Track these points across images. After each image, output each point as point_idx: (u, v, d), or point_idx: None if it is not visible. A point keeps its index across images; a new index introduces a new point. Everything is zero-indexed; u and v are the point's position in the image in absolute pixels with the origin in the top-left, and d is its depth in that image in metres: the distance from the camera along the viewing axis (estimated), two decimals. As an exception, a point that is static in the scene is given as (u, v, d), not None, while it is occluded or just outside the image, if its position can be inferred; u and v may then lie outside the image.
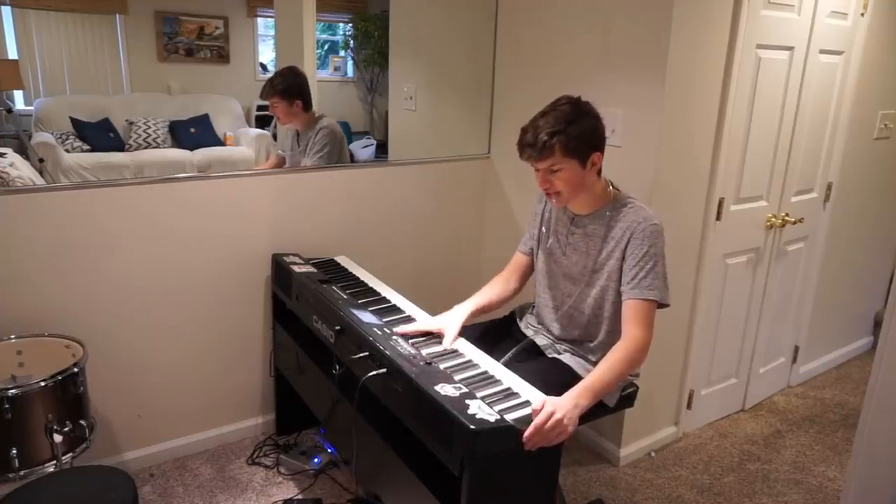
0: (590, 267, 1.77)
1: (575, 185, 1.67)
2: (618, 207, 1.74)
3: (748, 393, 2.91)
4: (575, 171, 1.65)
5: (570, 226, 1.81)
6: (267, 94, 2.48)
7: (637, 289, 1.66)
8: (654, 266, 1.67)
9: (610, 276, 1.73)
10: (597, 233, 1.76)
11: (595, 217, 1.76)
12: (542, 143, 1.60)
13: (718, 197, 2.41)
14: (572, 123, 1.61)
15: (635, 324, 1.64)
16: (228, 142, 2.69)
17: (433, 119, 2.97)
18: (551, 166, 1.64)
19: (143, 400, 2.29)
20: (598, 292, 1.76)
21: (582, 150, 1.63)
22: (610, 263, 1.73)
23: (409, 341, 1.68)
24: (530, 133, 1.62)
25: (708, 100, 2.25)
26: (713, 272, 2.53)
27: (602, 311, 1.78)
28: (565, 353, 1.85)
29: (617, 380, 1.59)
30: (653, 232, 1.68)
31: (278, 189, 2.38)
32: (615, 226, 1.72)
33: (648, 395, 2.38)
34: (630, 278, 1.68)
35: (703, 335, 2.60)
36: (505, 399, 1.47)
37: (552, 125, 1.60)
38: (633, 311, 1.66)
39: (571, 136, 1.60)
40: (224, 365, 2.41)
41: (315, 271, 2.21)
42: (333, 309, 1.87)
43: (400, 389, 1.52)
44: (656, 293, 1.66)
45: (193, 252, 2.25)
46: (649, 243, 1.67)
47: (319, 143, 2.48)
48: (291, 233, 2.43)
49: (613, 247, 1.72)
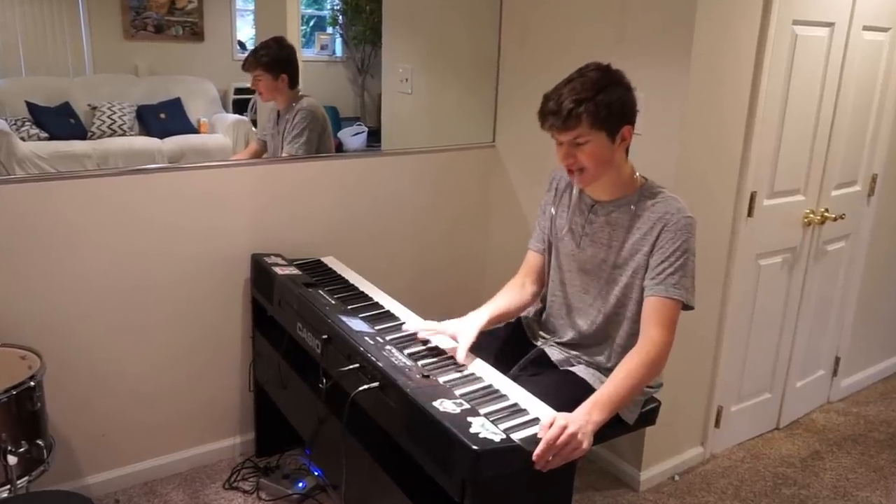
0: (611, 261, 1.76)
1: (601, 161, 1.67)
2: (646, 196, 1.73)
3: (783, 409, 2.91)
4: (602, 145, 1.65)
5: (589, 213, 1.81)
6: (250, 66, 2.49)
7: (662, 285, 1.66)
8: (683, 263, 1.67)
9: (636, 273, 1.73)
10: (620, 222, 1.75)
11: (619, 204, 1.76)
12: (567, 110, 1.59)
13: (750, 191, 2.41)
14: (602, 91, 1.60)
15: (656, 324, 1.64)
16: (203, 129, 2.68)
17: (432, 104, 2.96)
18: (576, 138, 1.63)
19: (107, 417, 2.29)
20: (622, 290, 1.76)
21: (611, 122, 1.63)
22: (636, 258, 1.72)
23: (405, 352, 1.69)
24: (554, 100, 1.62)
25: (738, 82, 2.25)
26: (744, 274, 2.53)
27: (624, 311, 1.78)
28: (579, 364, 1.85)
29: (634, 390, 1.59)
30: (686, 225, 1.68)
31: (258, 181, 2.38)
32: (643, 216, 1.72)
33: (672, 411, 2.38)
34: (656, 273, 1.67)
35: (733, 345, 2.60)
36: (511, 416, 1.47)
37: (579, 92, 1.60)
38: (655, 310, 1.66)
39: (601, 105, 1.60)
40: (198, 378, 2.42)
41: (299, 273, 2.21)
42: (320, 316, 1.87)
43: (394, 405, 1.52)
44: (682, 293, 1.66)
45: (164, 253, 2.26)
46: (682, 237, 1.67)
47: (298, 127, 2.48)
48: (273, 230, 2.43)
49: (641, 239, 1.71)
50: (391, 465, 1.63)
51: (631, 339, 1.75)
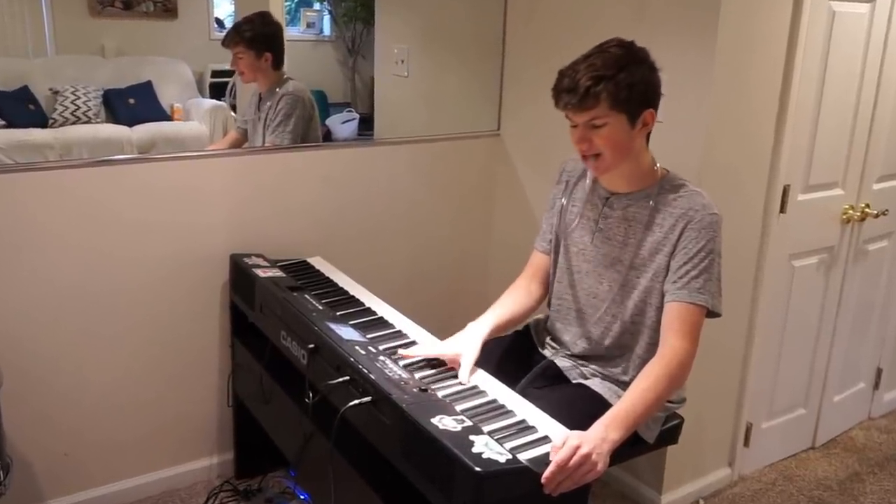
0: (627, 261, 1.76)
1: (620, 147, 1.67)
2: (667, 190, 1.73)
3: (820, 426, 2.91)
4: (621, 129, 1.65)
5: (604, 206, 1.80)
6: (231, 41, 2.49)
7: (685, 290, 1.66)
8: (709, 265, 1.67)
9: (656, 276, 1.72)
10: (639, 217, 1.75)
11: (638, 198, 1.76)
12: (584, 88, 1.59)
13: (783, 184, 2.41)
14: (624, 69, 1.61)
15: (677, 333, 1.64)
16: (176, 115, 2.68)
17: (430, 88, 2.96)
18: (593, 119, 1.63)
19: (70, 434, 2.28)
20: (640, 295, 1.76)
21: (633, 104, 1.63)
22: (657, 259, 1.72)
23: (400, 363, 1.68)
24: (570, 77, 1.62)
25: (770, 63, 2.25)
26: (776, 277, 2.52)
27: (643, 318, 1.77)
28: (593, 377, 1.85)
29: (655, 405, 1.58)
30: (712, 223, 1.68)
31: (238, 174, 2.38)
32: (663, 211, 1.72)
33: (696, 428, 2.37)
34: (678, 276, 1.67)
35: (764, 355, 2.59)
36: (518, 434, 1.47)
37: (598, 69, 1.60)
38: (677, 317, 1.66)
39: (622, 85, 1.60)
40: (171, 391, 2.41)
41: (283, 276, 2.21)
42: (306, 323, 1.87)
43: (388, 422, 1.52)
44: (707, 298, 1.66)
45: (133, 253, 2.26)
46: (707, 237, 1.67)
47: (282, 113, 2.49)
48: (254, 228, 2.43)
49: (662, 238, 1.71)
50: (384, 488, 1.63)
51: (652, 351, 1.74)
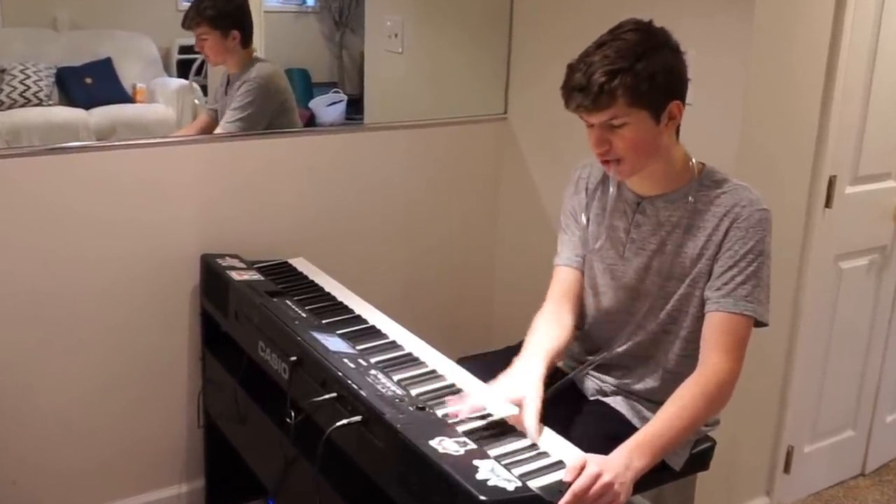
0: (665, 270, 1.75)
1: (644, 147, 1.66)
2: (707, 186, 1.72)
3: (870, 450, 2.91)
4: (645, 128, 1.63)
5: (635, 214, 1.79)
6: (192, 22, 2.49)
7: (730, 298, 1.65)
8: (757, 270, 1.66)
9: (695, 282, 1.71)
10: (677, 220, 1.73)
11: (672, 199, 1.74)
12: (597, 86, 1.57)
13: (828, 175, 2.41)
14: (642, 59, 1.59)
15: (720, 348, 1.63)
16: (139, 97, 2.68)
17: (427, 65, 2.96)
18: (611, 120, 1.62)
19: (19, 461, 2.28)
20: (677, 305, 1.75)
21: (655, 97, 1.62)
22: (699, 267, 1.70)
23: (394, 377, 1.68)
24: (581, 72, 1.60)
25: (814, 39, 2.25)
26: (821, 280, 2.52)
27: (676, 328, 1.77)
28: (614, 394, 1.85)
29: (688, 431, 1.58)
30: (761, 220, 1.67)
31: (210, 163, 2.38)
32: (705, 212, 1.70)
33: (730, 452, 2.37)
34: (722, 282, 1.66)
35: (808, 369, 2.59)
36: (529, 459, 1.47)
37: (613, 61, 1.58)
38: (721, 330, 1.64)
39: (641, 77, 1.58)
40: (134, 411, 2.41)
41: (262, 279, 2.22)
42: (287, 332, 1.87)
43: (381, 445, 1.52)
44: (755, 308, 1.65)
45: (90, 253, 2.25)
46: (757, 237, 1.66)
47: (239, 100, 2.49)
48: (229, 225, 2.43)
49: (704, 242, 1.70)
50: (377, 520, 1.63)
51: (683, 364, 1.75)
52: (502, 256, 2.98)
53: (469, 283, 2.94)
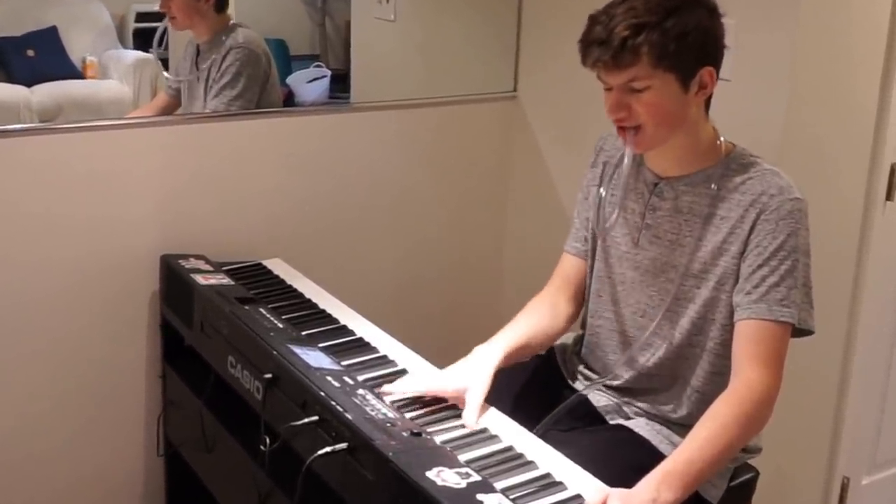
0: (682, 266, 1.77)
1: (667, 116, 1.67)
2: (734, 170, 1.73)
3: (939, 481, 2.92)
4: (670, 94, 1.65)
5: (652, 195, 1.81)
6: None
7: (763, 303, 1.66)
8: (792, 268, 1.67)
9: (721, 284, 1.73)
10: (696, 208, 1.76)
11: (695, 182, 1.76)
12: (620, 40, 1.59)
13: (889, 163, 2.42)
14: (673, 14, 1.61)
15: (755, 360, 1.64)
16: (90, 71, 2.69)
17: (424, 36, 2.96)
18: (631, 81, 1.64)
19: (-49, 495, 2.29)
20: (699, 310, 1.76)
21: (684, 60, 1.63)
22: (722, 263, 1.72)
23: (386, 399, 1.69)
24: (603, 24, 1.62)
25: (874, 3, 2.25)
26: (882, 284, 2.53)
27: (703, 340, 1.78)
28: (637, 417, 1.86)
29: (723, 457, 1.59)
30: (792, 211, 1.67)
31: (172, 150, 2.39)
32: (730, 199, 1.72)
33: (776, 484, 2.38)
34: (752, 285, 1.67)
35: (866, 388, 2.60)
36: (541, 492, 1.48)
37: (640, 14, 1.60)
38: (754, 339, 1.66)
39: (670, 35, 1.60)
40: (85, 437, 2.42)
41: (231, 283, 2.22)
42: (261, 345, 1.87)
43: (370, 477, 1.52)
44: (793, 312, 1.66)
45: (33, 254, 2.26)
46: (788, 230, 1.67)
47: (230, 73, 2.49)
48: (193, 221, 2.44)
49: (728, 234, 1.71)
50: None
51: (714, 382, 1.76)
52: (512, 255, 2.99)
53: (473, 287, 2.95)
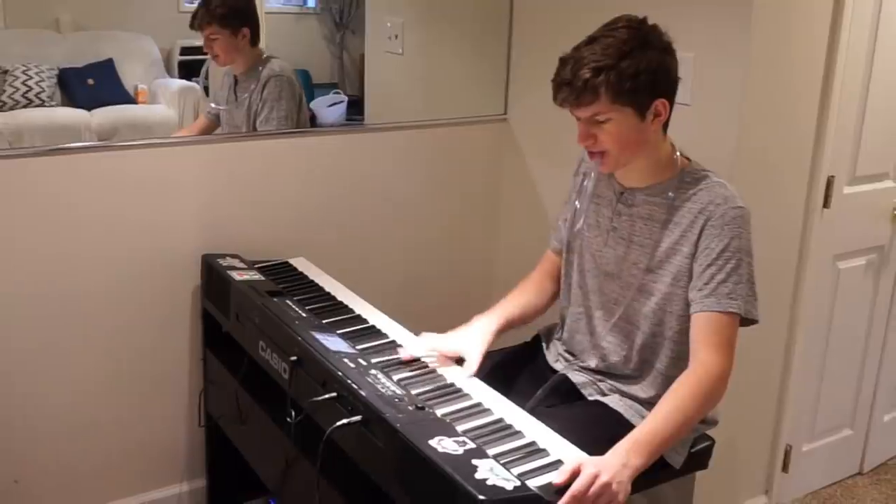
0: (643, 264, 1.78)
1: (628, 142, 1.69)
2: (687, 183, 1.75)
3: (868, 449, 2.92)
4: (628, 124, 1.67)
5: (618, 203, 1.83)
6: (201, 21, 2.48)
7: (713, 297, 1.67)
8: (737, 266, 1.67)
9: (676, 280, 1.74)
10: (656, 215, 1.77)
11: (654, 193, 1.78)
12: (583, 81, 1.61)
13: (826, 175, 2.42)
14: (627, 56, 1.62)
15: (709, 346, 1.65)
16: (141, 97, 2.69)
17: (427, 67, 2.96)
18: (595, 115, 1.66)
19: (21, 460, 2.29)
20: (659, 302, 1.77)
21: (639, 95, 1.64)
22: (675, 261, 1.73)
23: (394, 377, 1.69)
24: (570, 66, 1.64)
25: (812, 40, 2.25)
26: (819, 280, 2.53)
27: (663, 329, 1.78)
28: (612, 393, 1.86)
29: (683, 428, 1.59)
30: (735, 218, 1.69)
31: (211, 164, 2.39)
32: (682, 207, 1.73)
33: (729, 452, 2.37)
34: (703, 282, 1.68)
35: (806, 369, 2.60)
36: (528, 458, 1.48)
37: (599, 58, 1.61)
38: (707, 329, 1.66)
39: (625, 75, 1.61)
40: (135, 410, 2.42)
41: (262, 279, 2.22)
42: (288, 332, 1.87)
43: (380, 444, 1.52)
44: (739, 304, 1.67)
45: (92, 254, 2.26)
46: (731, 234, 1.68)
47: (272, 98, 2.49)
48: (229, 226, 2.44)
49: (680, 237, 1.73)
50: (377, 519, 1.63)
51: (676, 366, 1.76)
52: (502, 256, 2.98)
53: (469, 283, 2.95)
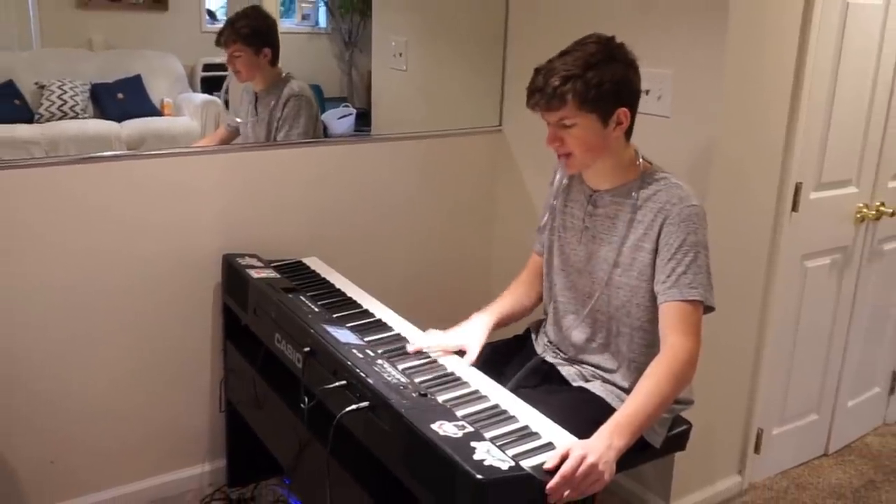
0: (612, 259, 1.79)
1: (591, 146, 1.72)
2: (647, 184, 1.77)
3: (833, 432, 2.92)
4: (592, 129, 1.69)
5: (588, 205, 1.84)
6: (227, 40, 2.48)
7: (675, 288, 1.68)
8: (695, 258, 1.69)
9: (641, 274, 1.75)
10: (621, 214, 1.79)
11: (619, 194, 1.80)
12: (552, 88, 1.65)
13: (794, 181, 2.42)
14: (593, 68, 1.65)
15: (677, 331, 1.66)
16: (166, 110, 2.69)
17: (429, 82, 2.96)
18: (562, 120, 1.69)
19: (56, 442, 2.29)
20: (626, 295, 1.79)
21: (603, 103, 1.67)
22: (640, 258, 1.75)
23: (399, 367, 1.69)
24: (542, 75, 1.68)
25: (781, 58, 2.26)
26: (788, 278, 2.53)
27: (631, 320, 1.80)
28: (594, 379, 1.86)
29: (660, 407, 1.60)
30: (690, 215, 1.70)
31: (231, 171, 2.39)
32: (644, 207, 1.75)
33: (705, 434, 2.38)
34: (665, 275, 1.70)
35: (776, 359, 2.61)
36: (521, 440, 1.48)
37: (569, 68, 1.65)
38: (674, 317, 1.68)
39: (590, 84, 1.64)
40: (161, 397, 2.42)
41: (278, 276, 2.22)
42: (301, 325, 1.88)
43: (386, 428, 1.52)
44: (700, 292, 1.68)
45: (121, 253, 2.26)
46: (687, 230, 1.69)
47: (292, 116, 2.50)
48: (248, 227, 2.44)
49: (643, 234, 1.74)
50: (383, 496, 1.63)
51: (648, 354, 1.77)
52: (497, 255, 2.98)
53: (467, 280, 2.94)
